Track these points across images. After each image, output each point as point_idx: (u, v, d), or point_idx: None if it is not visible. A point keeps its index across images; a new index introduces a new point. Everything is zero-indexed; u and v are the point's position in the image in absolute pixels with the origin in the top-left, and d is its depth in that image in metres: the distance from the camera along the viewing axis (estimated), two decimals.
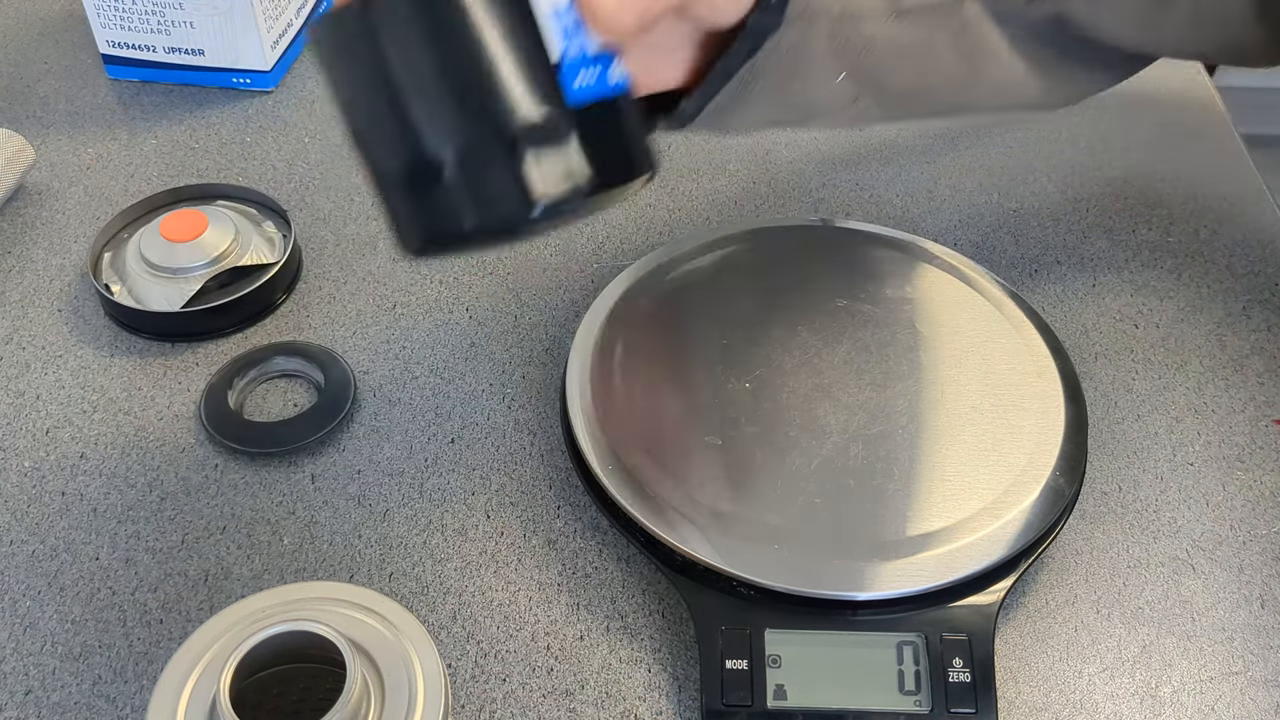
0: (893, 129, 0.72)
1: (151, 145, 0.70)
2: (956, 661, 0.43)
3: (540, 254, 0.63)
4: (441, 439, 0.54)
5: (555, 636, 0.47)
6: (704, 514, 0.46)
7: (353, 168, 0.69)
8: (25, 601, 0.48)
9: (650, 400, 0.50)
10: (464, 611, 0.48)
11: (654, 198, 0.67)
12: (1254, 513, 0.52)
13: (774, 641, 0.44)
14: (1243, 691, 0.46)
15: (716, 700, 0.43)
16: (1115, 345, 0.59)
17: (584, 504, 0.51)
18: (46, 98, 0.74)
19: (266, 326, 0.59)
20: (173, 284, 0.58)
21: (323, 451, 0.53)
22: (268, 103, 0.74)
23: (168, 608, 0.48)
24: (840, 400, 0.50)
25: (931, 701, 0.43)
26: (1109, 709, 0.45)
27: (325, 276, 0.62)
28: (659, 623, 0.47)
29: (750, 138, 0.71)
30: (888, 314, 0.54)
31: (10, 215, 0.66)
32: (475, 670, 0.46)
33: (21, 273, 0.62)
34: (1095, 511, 0.51)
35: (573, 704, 0.45)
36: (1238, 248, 0.64)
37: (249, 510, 0.51)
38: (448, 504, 0.51)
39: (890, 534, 0.45)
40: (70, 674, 0.46)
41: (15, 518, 0.51)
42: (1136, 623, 0.48)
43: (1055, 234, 0.65)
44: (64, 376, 0.57)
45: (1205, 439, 0.54)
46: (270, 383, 0.57)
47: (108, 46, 0.74)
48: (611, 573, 0.49)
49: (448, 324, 0.59)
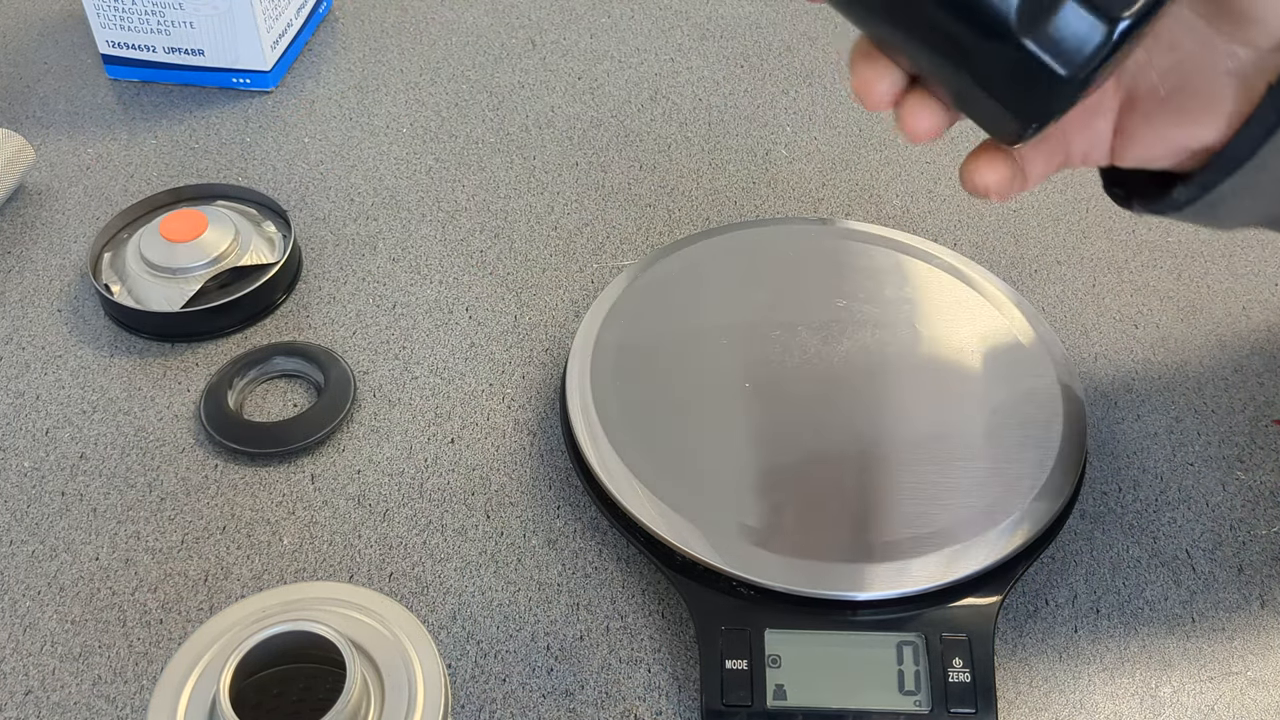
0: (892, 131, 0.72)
1: (151, 145, 0.70)
2: (956, 661, 0.43)
3: (540, 254, 0.63)
4: (441, 439, 0.54)
5: (555, 636, 0.47)
6: (704, 514, 0.46)
7: (353, 167, 0.69)
8: (25, 601, 0.48)
9: (650, 400, 0.50)
10: (464, 611, 0.48)
11: (654, 197, 0.67)
12: (1254, 513, 0.52)
13: (774, 641, 0.44)
14: (1243, 691, 0.46)
15: (716, 700, 0.43)
16: (1115, 345, 0.59)
17: (584, 504, 0.51)
18: (46, 98, 0.74)
19: (266, 326, 0.59)
20: (173, 284, 0.58)
21: (323, 451, 0.53)
22: (268, 103, 0.74)
23: (168, 608, 0.48)
24: (840, 400, 0.50)
25: (931, 701, 0.43)
26: (1109, 709, 0.45)
27: (325, 276, 0.62)
28: (659, 623, 0.47)
29: (749, 138, 0.71)
30: (888, 314, 0.54)
31: (10, 215, 0.66)
32: (475, 670, 0.46)
33: (21, 273, 0.62)
34: (1095, 511, 0.51)
35: (572, 704, 0.45)
36: (1238, 248, 0.64)
37: (249, 510, 0.51)
38: (448, 504, 0.51)
39: (890, 534, 0.45)
40: (70, 674, 0.46)
41: (15, 518, 0.51)
42: (1136, 623, 0.48)
43: (1055, 234, 0.65)
44: (64, 376, 0.57)
45: (1205, 439, 0.54)
46: (270, 383, 0.57)
47: (107, 46, 0.74)
48: (611, 573, 0.49)
49: (448, 324, 0.60)
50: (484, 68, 0.77)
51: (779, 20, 0.82)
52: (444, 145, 0.71)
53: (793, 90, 0.75)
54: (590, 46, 0.79)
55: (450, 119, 0.73)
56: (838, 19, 0.82)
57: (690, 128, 0.72)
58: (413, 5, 0.83)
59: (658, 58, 0.78)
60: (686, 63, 0.78)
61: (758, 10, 0.83)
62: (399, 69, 0.77)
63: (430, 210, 0.66)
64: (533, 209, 0.66)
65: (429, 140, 0.71)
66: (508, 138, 0.71)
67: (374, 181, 0.68)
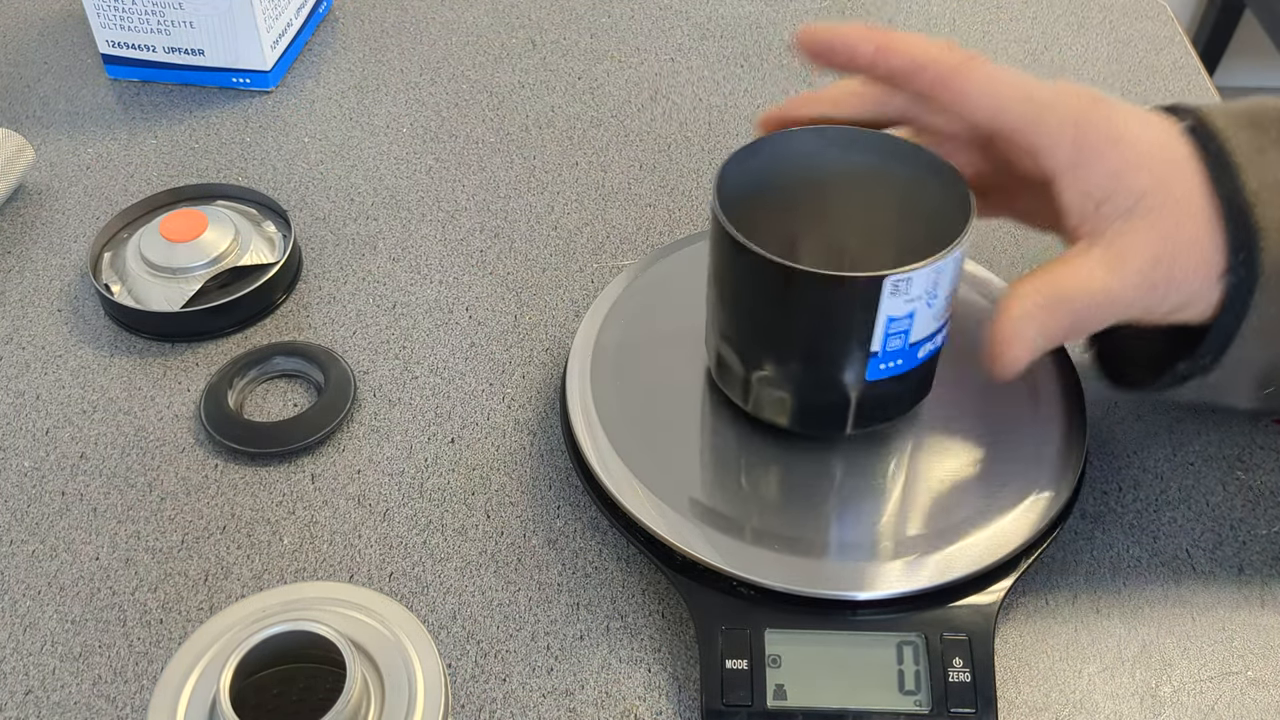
0: None
1: (151, 145, 0.70)
2: (956, 661, 0.43)
3: (540, 254, 0.63)
4: (441, 439, 0.54)
5: (555, 636, 0.47)
6: (704, 514, 0.46)
7: (353, 167, 0.69)
8: (25, 601, 0.48)
9: (650, 400, 0.50)
10: (464, 611, 0.48)
11: (654, 197, 0.67)
12: (1254, 513, 0.52)
13: (774, 641, 0.44)
14: (1243, 691, 0.46)
15: (716, 700, 0.43)
16: None
17: (584, 504, 0.51)
18: (46, 97, 0.74)
19: (266, 326, 0.59)
20: (173, 284, 0.58)
21: (323, 451, 0.53)
22: (268, 103, 0.74)
23: (168, 608, 0.48)
24: None
25: (931, 701, 0.43)
26: (1109, 709, 0.45)
27: (325, 276, 0.62)
28: (659, 623, 0.47)
29: (749, 138, 0.71)
30: None
31: (10, 215, 0.66)
32: (475, 670, 0.46)
33: (21, 273, 0.62)
34: (1095, 511, 0.51)
35: (573, 704, 0.45)
36: None
37: (249, 510, 0.51)
38: (448, 504, 0.51)
39: (890, 534, 0.45)
40: (70, 674, 0.46)
41: (15, 518, 0.51)
42: (1136, 623, 0.48)
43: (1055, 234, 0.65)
44: (64, 376, 0.57)
45: (1205, 439, 0.54)
46: (270, 383, 0.57)
47: (107, 46, 0.74)
48: (611, 573, 0.49)
49: (448, 324, 0.60)
50: (484, 67, 0.77)
51: (779, 20, 0.82)
52: (444, 145, 0.71)
53: (793, 90, 0.75)
54: (590, 46, 0.79)
55: (450, 119, 0.73)
56: (838, 17, 0.82)
57: (690, 128, 0.72)
58: (413, 5, 0.83)
59: (658, 58, 0.78)
60: (686, 63, 0.78)
61: (758, 10, 0.83)
62: (399, 69, 0.77)
63: (430, 210, 0.66)
64: (533, 209, 0.66)
65: (429, 140, 0.71)
66: (508, 138, 0.71)
67: (374, 181, 0.68)
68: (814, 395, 0.45)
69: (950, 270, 0.42)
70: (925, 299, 0.42)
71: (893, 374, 0.44)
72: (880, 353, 0.43)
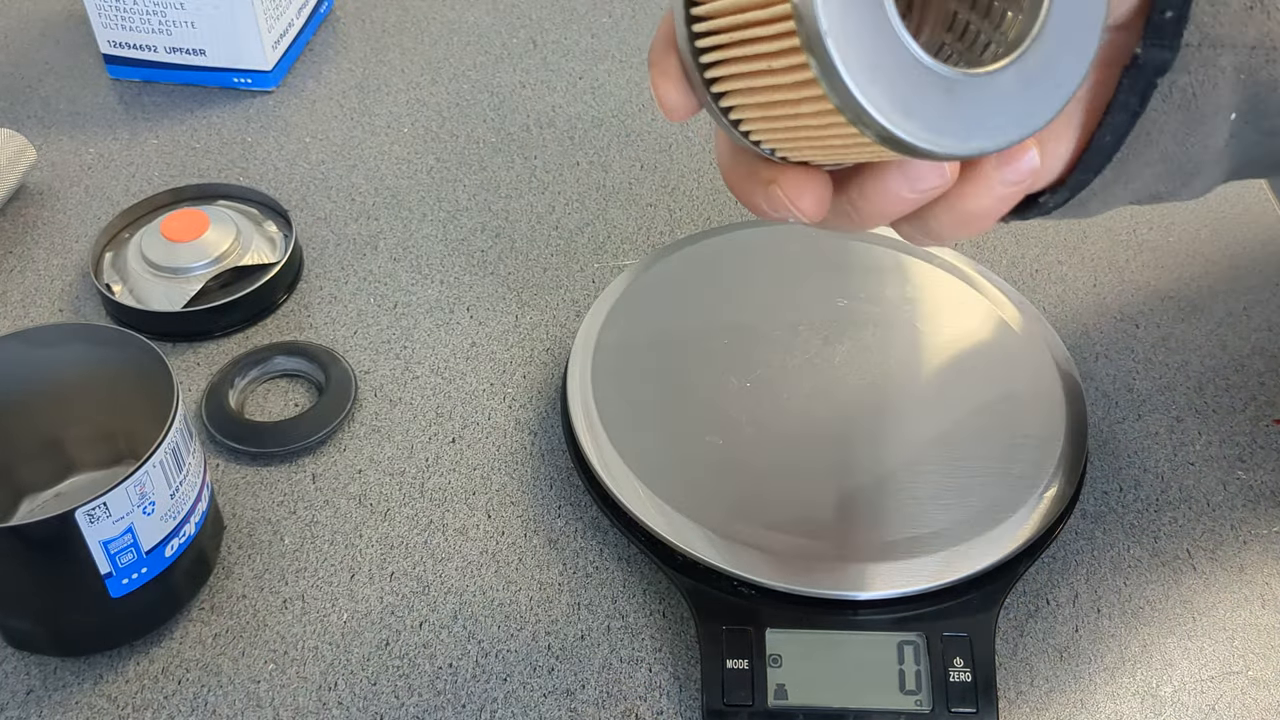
0: None
1: (152, 145, 0.70)
2: (957, 661, 0.43)
3: (540, 254, 0.63)
4: (442, 439, 0.54)
5: (556, 636, 0.47)
6: (705, 513, 0.46)
7: (354, 167, 0.69)
8: None
9: (651, 400, 0.50)
10: (465, 611, 0.48)
11: (654, 197, 0.67)
12: (1254, 513, 0.52)
13: (775, 641, 0.44)
14: (1243, 691, 0.46)
15: (717, 700, 0.43)
16: (1115, 345, 0.59)
17: (585, 504, 0.51)
18: (48, 98, 0.74)
19: (267, 326, 0.59)
20: (174, 284, 0.58)
21: (324, 451, 0.54)
22: (268, 102, 0.74)
23: None
24: (840, 400, 0.50)
25: (932, 701, 0.43)
26: (1109, 709, 0.45)
27: (326, 276, 0.62)
28: (660, 622, 0.47)
29: None
30: (888, 314, 0.54)
31: (11, 215, 0.66)
32: (476, 670, 0.46)
33: (23, 273, 0.62)
34: (1095, 511, 0.51)
35: (573, 703, 0.45)
36: (1238, 248, 0.64)
37: (249, 510, 0.51)
38: (448, 503, 0.52)
39: (891, 534, 0.45)
40: (71, 673, 0.46)
41: None
42: (1136, 623, 0.48)
43: (1055, 234, 0.65)
44: None
45: (1205, 439, 0.55)
46: (271, 382, 0.57)
47: (109, 46, 0.74)
48: (612, 572, 0.49)
49: (448, 324, 0.60)
50: (485, 67, 0.77)
51: None
52: (445, 145, 0.71)
53: None
54: (591, 46, 0.79)
55: (451, 119, 0.73)
56: None
57: (690, 127, 0.72)
58: (414, 5, 0.83)
59: None
60: None
61: None
62: (400, 69, 0.77)
63: (431, 210, 0.66)
64: (533, 209, 0.66)
65: (430, 140, 0.71)
66: (508, 137, 0.71)
67: (375, 181, 0.68)
68: (69, 625, 0.44)
69: (158, 475, 0.41)
70: (140, 509, 0.41)
71: (145, 581, 0.43)
72: (115, 572, 0.42)
